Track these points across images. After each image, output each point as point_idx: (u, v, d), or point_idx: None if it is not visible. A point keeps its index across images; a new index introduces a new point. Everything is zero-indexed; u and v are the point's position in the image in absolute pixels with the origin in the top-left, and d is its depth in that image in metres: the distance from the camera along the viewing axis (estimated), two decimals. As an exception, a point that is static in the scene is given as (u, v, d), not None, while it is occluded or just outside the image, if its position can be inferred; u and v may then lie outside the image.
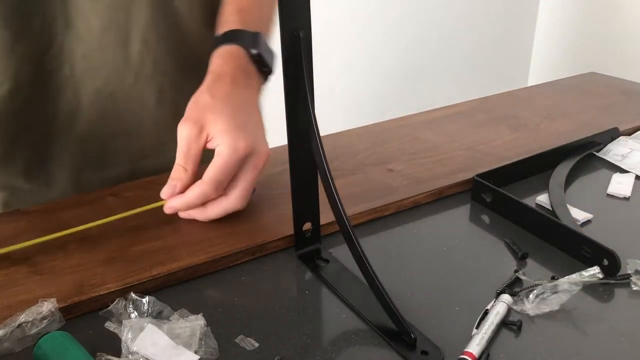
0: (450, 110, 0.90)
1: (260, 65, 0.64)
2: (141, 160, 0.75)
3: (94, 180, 0.73)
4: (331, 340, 0.45)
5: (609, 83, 1.03)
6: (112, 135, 0.72)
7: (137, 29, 0.68)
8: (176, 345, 0.43)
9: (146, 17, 0.68)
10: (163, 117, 0.74)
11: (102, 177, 0.73)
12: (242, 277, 0.53)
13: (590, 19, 2.20)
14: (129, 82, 0.70)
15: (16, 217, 0.62)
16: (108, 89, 0.69)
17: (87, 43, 0.66)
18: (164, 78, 0.72)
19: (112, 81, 0.69)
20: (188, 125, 0.57)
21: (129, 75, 0.69)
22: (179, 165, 0.57)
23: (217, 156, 0.56)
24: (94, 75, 0.68)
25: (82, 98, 0.69)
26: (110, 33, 0.66)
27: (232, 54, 0.62)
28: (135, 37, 0.68)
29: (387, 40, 2.12)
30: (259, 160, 0.58)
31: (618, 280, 0.51)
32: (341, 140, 0.79)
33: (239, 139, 0.56)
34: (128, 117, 0.72)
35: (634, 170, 0.70)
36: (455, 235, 0.59)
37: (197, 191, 0.57)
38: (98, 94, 0.69)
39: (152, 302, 0.47)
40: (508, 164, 0.68)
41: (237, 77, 0.61)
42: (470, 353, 0.42)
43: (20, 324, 0.45)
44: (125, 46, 0.68)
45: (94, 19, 0.65)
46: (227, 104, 0.58)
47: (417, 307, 0.48)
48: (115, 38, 0.67)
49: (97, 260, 0.54)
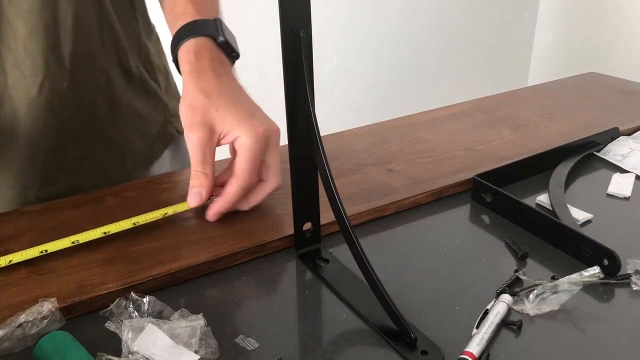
0: (450, 110, 0.90)
1: (228, 51, 0.63)
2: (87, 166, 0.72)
3: (42, 195, 0.69)
4: (331, 340, 0.45)
5: (609, 83, 1.03)
6: (54, 146, 0.68)
7: (66, 29, 0.64)
8: (176, 345, 0.43)
9: (73, 15, 0.64)
10: (100, 114, 0.71)
11: (52, 191, 0.69)
12: (242, 277, 0.53)
13: (590, 19, 2.20)
14: (64, 87, 0.66)
15: (16, 217, 0.62)
16: (43, 97, 0.65)
17: (15, 50, 0.62)
18: (101, 75, 0.69)
19: (46, 88, 0.65)
20: (196, 130, 0.56)
21: (63, 79, 0.65)
22: (197, 172, 0.57)
23: (242, 148, 0.56)
24: (27, 84, 0.64)
25: (19, 110, 0.64)
26: (38, 37, 0.63)
27: (202, 46, 0.61)
28: (66, 38, 0.64)
29: (387, 41, 2.12)
30: (276, 137, 0.59)
31: (618, 280, 0.51)
32: (341, 140, 0.79)
33: (255, 126, 0.57)
34: (67, 124, 0.68)
35: (634, 170, 0.70)
36: (455, 235, 0.59)
37: (236, 187, 0.57)
38: (32, 104, 0.64)
39: (152, 302, 0.47)
40: (508, 164, 0.68)
41: (216, 68, 0.61)
42: (470, 353, 0.42)
43: (21, 323, 0.45)
44: (56, 49, 0.64)
45: (19, 24, 0.61)
46: (224, 98, 0.58)
47: (417, 307, 0.48)
48: (44, 42, 0.63)
49: (97, 260, 0.54)
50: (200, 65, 0.60)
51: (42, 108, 0.65)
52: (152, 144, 0.78)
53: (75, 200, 0.65)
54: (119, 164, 0.75)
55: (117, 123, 0.73)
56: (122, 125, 0.74)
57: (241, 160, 0.57)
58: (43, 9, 0.62)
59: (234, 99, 0.59)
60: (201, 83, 0.59)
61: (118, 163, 0.75)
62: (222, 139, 0.58)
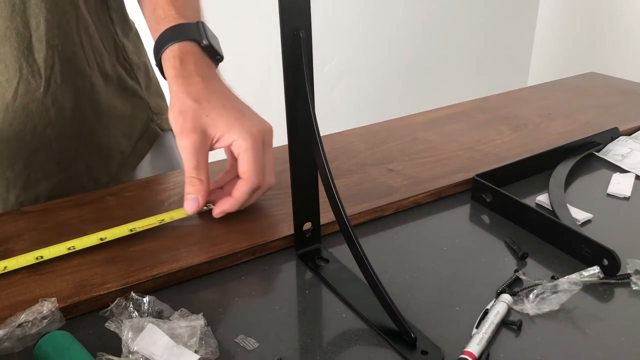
0: (450, 110, 0.90)
1: (212, 54, 0.63)
2: (71, 169, 0.71)
3: (24, 199, 0.69)
4: (331, 340, 0.45)
5: (609, 83, 1.03)
6: (34, 150, 0.67)
7: (39, 33, 0.63)
8: (176, 345, 0.43)
9: (46, 20, 0.63)
10: (82, 118, 0.70)
11: (33, 195, 0.69)
12: (242, 277, 0.53)
13: (590, 19, 2.20)
14: (40, 92, 0.65)
15: (16, 217, 0.62)
16: (19, 102, 0.64)
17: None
18: (80, 79, 0.69)
19: (21, 93, 0.64)
20: (188, 136, 0.56)
21: (39, 84, 0.65)
22: (192, 178, 0.56)
23: (242, 151, 0.57)
24: (2, 89, 0.63)
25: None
26: (10, 42, 0.62)
27: (187, 51, 0.61)
28: (39, 42, 0.64)
29: (387, 40, 2.12)
30: (270, 137, 0.59)
31: (618, 280, 0.51)
32: (341, 140, 0.79)
33: (249, 127, 0.57)
34: (47, 129, 0.67)
35: (634, 170, 0.70)
36: (455, 235, 0.59)
37: (246, 189, 0.57)
38: (8, 109, 0.64)
39: (153, 302, 0.47)
40: (508, 164, 0.68)
41: (203, 73, 0.60)
42: (470, 353, 0.42)
43: (21, 323, 0.45)
44: (29, 54, 0.63)
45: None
46: (213, 101, 0.58)
47: (417, 307, 0.48)
48: (16, 47, 0.62)
49: (97, 260, 0.54)
50: (186, 70, 0.60)
51: (19, 113, 0.64)
52: (136, 144, 0.78)
53: (75, 200, 0.65)
54: (105, 166, 0.74)
55: (100, 125, 0.72)
56: (105, 127, 0.73)
57: (246, 163, 0.57)
58: (13, 15, 0.61)
59: (223, 102, 0.58)
60: (188, 88, 0.58)
61: (104, 165, 0.74)
62: (215, 143, 0.57)
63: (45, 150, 0.68)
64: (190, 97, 0.58)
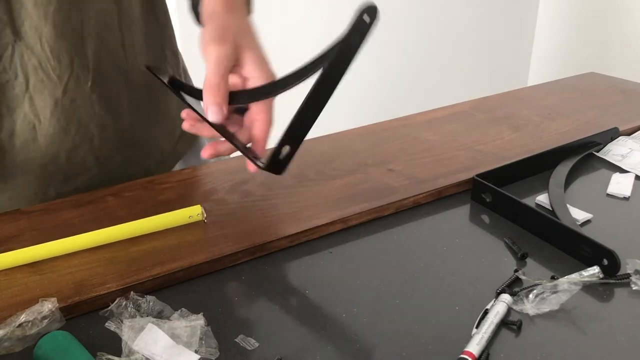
0: (450, 110, 0.90)
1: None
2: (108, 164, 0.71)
3: (63, 192, 0.69)
4: (331, 340, 0.45)
5: (608, 83, 1.03)
6: (78, 144, 0.67)
7: (90, 26, 0.64)
8: (176, 345, 0.43)
9: (95, 13, 0.64)
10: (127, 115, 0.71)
11: (71, 187, 0.69)
12: (242, 277, 0.53)
13: (590, 19, 2.20)
14: (88, 86, 0.65)
15: (16, 217, 0.62)
16: (68, 97, 0.64)
17: (40, 53, 0.61)
18: (121, 74, 0.69)
19: (71, 88, 0.64)
20: (225, 44, 0.55)
21: (87, 78, 0.65)
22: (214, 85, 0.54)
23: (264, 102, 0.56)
24: (52, 85, 0.63)
25: (42, 111, 0.64)
26: (64, 38, 0.62)
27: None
28: (90, 36, 0.64)
29: (387, 40, 2.12)
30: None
31: (618, 280, 0.51)
32: (341, 140, 0.79)
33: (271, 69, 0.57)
34: (90, 123, 0.67)
35: (633, 170, 0.70)
36: (455, 235, 0.59)
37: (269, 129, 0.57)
38: (57, 104, 0.64)
39: (153, 302, 0.47)
40: (508, 164, 0.68)
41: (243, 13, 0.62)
42: (470, 353, 0.42)
43: (21, 323, 0.45)
44: (81, 48, 0.64)
45: (45, 26, 0.60)
46: (251, 37, 0.58)
47: (417, 307, 0.48)
48: (70, 42, 0.62)
49: (97, 260, 0.54)
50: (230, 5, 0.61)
51: (67, 107, 0.65)
52: (175, 144, 0.79)
53: (75, 200, 0.65)
54: (142, 163, 0.75)
55: (141, 122, 0.73)
56: (146, 124, 0.73)
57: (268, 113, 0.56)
58: (71, 9, 0.62)
59: (257, 42, 0.59)
60: (231, 15, 0.59)
61: (141, 162, 0.74)
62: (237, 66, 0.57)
63: (87, 145, 0.69)
64: (231, 15, 0.58)
